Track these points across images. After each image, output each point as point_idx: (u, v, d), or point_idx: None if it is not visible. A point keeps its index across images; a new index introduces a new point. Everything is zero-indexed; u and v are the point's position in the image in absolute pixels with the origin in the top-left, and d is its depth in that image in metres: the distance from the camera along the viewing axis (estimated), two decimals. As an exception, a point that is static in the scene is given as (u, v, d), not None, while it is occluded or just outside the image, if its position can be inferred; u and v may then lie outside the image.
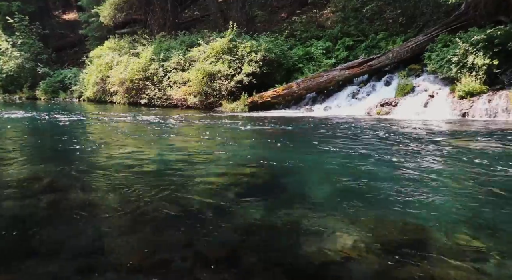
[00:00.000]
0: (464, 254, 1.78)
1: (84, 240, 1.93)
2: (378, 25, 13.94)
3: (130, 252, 1.76)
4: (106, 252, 1.77)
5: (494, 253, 1.78)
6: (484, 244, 1.88)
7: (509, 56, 8.71)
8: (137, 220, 2.17)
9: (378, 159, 3.91)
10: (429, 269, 1.62)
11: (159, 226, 2.10)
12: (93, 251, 1.79)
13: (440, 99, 9.48)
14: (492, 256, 1.75)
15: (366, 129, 6.71)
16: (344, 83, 12.18)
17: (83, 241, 1.91)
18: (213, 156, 4.22)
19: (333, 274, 1.57)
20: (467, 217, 2.25)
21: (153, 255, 1.74)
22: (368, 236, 1.93)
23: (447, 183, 2.97)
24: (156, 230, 2.04)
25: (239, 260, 1.70)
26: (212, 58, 13.05)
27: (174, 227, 2.09)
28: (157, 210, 2.33)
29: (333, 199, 2.61)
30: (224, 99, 12.66)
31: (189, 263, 1.65)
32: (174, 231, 2.03)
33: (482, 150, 4.49)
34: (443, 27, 10.92)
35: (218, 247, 1.82)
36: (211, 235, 1.95)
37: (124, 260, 1.68)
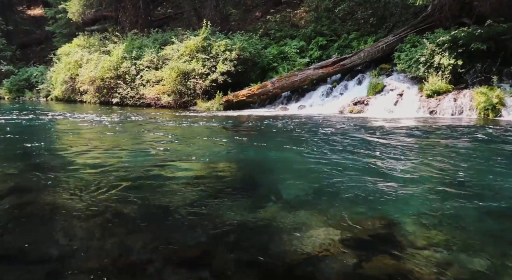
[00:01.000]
0: (431, 246, 1.85)
1: (51, 243, 1.86)
2: (350, 25, 14.24)
3: (99, 255, 1.71)
4: (74, 255, 1.71)
5: (459, 245, 1.86)
6: (450, 236, 1.96)
7: (472, 57, 9.14)
8: (107, 222, 2.11)
9: (350, 156, 4.00)
10: (399, 262, 1.67)
11: (130, 228, 2.05)
12: (61, 255, 1.72)
13: (409, 97, 9.83)
14: (457, 248, 1.83)
15: (339, 127, 6.85)
16: (318, 82, 12.38)
17: (51, 245, 1.84)
18: (187, 156, 4.17)
19: (306, 271, 1.58)
20: (434, 211, 2.33)
21: (122, 258, 1.69)
22: (340, 232, 1.97)
23: (415, 178, 3.08)
24: (127, 232, 1.99)
25: (212, 260, 1.69)
26: (186, 57, 12.89)
27: (145, 228, 2.05)
28: (127, 211, 2.27)
29: (306, 197, 2.64)
30: (199, 98, 12.55)
31: (159, 265, 1.62)
32: (145, 232, 1.99)
33: (447, 146, 4.68)
34: (411, 28, 11.32)
35: (190, 247, 1.80)
36: (183, 236, 1.93)
37: (93, 263, 1.63)
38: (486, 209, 2.39)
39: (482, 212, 2.32)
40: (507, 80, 8.84)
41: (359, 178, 3.08)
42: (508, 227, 2.11)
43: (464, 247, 1.84)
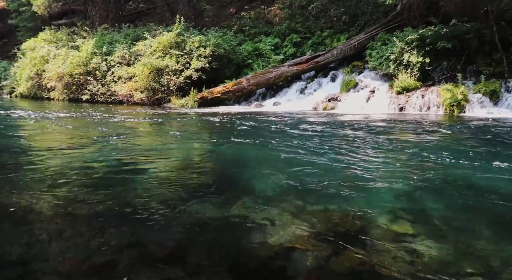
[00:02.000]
0: (399, 238, 1.92)
1: (16, 246, 1.78)
2: (323, 22, 14.44)
3: (67, 257, 1.66)
4: (37, 259, 1.65)
5: (425, 237, 1.94)
6: (417, 228, 2.04)
7: (439, 55, 9.51)
8: (76, 222, 2.05)
9: (324, 152, 4.07)
10: (368, 255, 1.73)
11: (101, 227, 2.00)
12: (22, 259, 1.66)
13: (380, 94, 10.11)
14: (424, 239, 1.90)
15: (313, 123, 6.95)
16: (292, 79, 12.49)
17: (15, 248, 1.77)
18: (160, 153, 4.11)
19: (278, 266, 1.61)
20: (403, 205, 2.42)
21: (92, 258, 1.65)
22: (313, 226, 2.01)
23: (385, 173, 3.18)
24: (97, 232, 1.94)
25: (185, 258, 1.68)
26: (159, 53, 12.65)
27: (116, 227, 2.00)
28: (98, 210, 2.22)
29: (280, 192, 2.67)
30: (173, 95, 12.36)
31: (131, 264, 1.60)
32: (117, 231, 1.95)
33: (415, 142, 4.86)
34: (382, 26, 11.62)
35: (163, 245, 1.78)
36: (156, 234, 1.91)
37: (61, 265, 1.58)
38: (451, 201, 2.50)
39: (448, 204, 2.43)
40: (471, 78, 9.26)
41: (331, 173, 3.14)
42: (471, 218, 2.22)
43: (430, 238, 1.92)
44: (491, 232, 1.98)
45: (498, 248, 1.79)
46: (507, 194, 2.59)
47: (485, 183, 2.84)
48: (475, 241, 1.87)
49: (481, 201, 2.48)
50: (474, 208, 2.36)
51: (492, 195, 2.57)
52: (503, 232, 1.99)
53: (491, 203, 2.45)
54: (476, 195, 2.59)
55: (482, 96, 8.54)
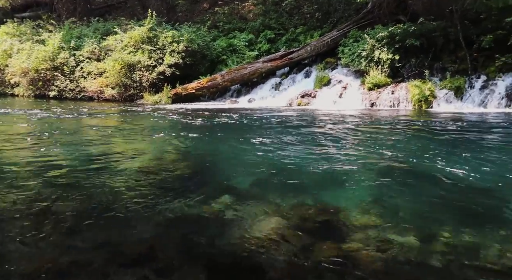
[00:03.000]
0: (370, 228, 1.98)
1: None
2: (297, 19, 14.56)
3: (34, 258, 1.60)
4: (7, 259, 1.58)
5: (394, 226, 2.01)
6: (386, 218, 2.12)
7: (407, 52, 9.84)
8: (44, 223, 1.97)
9: (298, 147, 4.13)
10: (341, 245, 1.78)
11: (71, 226, 1.94)
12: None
13: (353, 90, 10.34)
14: (393, 229, 1.98)
15: (288, 120, 7.02)
16: (267, 75, 12.53)
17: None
18: (133, 150, 4.02)
19: (253, 261, 1.62)
20: (373, 196, 2.50)
21: (63, 258, 1.60)
22: (287, 220, 2.04)
23: (358, 166, 3.27)
24: (66, 232, 1.88)
25: (159, 256, 1.65)
26: (131, 48, 12.34)
27: (88, 226, 1.95)
28: (69, 210, 2.15)
29: (255, 188, 2.69)
30: (146, 91, 12.10)
31: (102, 263, 1.56)
32: (86, 231, 1.90)
33: (385, 136, 5.02)
34: (353, 23, 11.86)
35: (136, 244, 1.75)
36: (129, 232, 1.87)
37: (28, 266, 1.52)
38: (418, 192, 2.61)
39: (415, 195, 2.54)
40: (437, 74, 9.65)
41: (305, 168, 3.19)
42: (436, 208, 2.32)
43: (398, 227, 1.99)
44: (454, 220, 2.08)
45: (460, 235, 1.89)
46: (469, 184, 2.73)
47: (449, 175, 2.98)
48: (439, 229, 1.96)
49: (446, 192, 2.60)
50: (439, 198, 2.47)
51: (456, 186, 2.70)
52: (465, 220, 2.10)
53: (454, 193, 2.57)
54: (441, 186, 2.71)
55: (448, 92, 8.93)
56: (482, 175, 2.94)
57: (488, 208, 2.28)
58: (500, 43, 8.83)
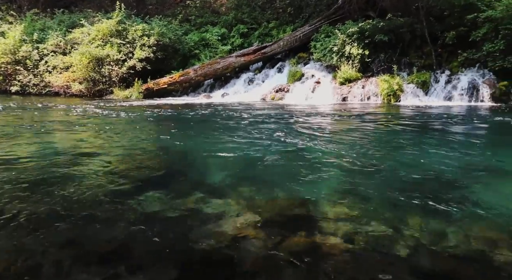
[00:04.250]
0: (341, 220, 2.03)
1: None
2: (269, 13, 14.57)
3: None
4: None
5: (364, 216, 2.07)
6: (357, 209, 2.18)
7: (377, 47, 10.11)
8: (8, 222, 1.88)
9: (272, 142, 4.16)
10: (314, 237, 1.81)
11: (36, 226, 1.86)
12: None
13: (325, 85, 10.53)
14: (363, 219, 2.04)
15: (261, 114, 7.04)
16: (240, 69, 12.51)
17: None
18: (102, 147, 3.90)
19: (225, 256, 1.62)
20: (344, 187, 2.57)
21: (27, 260, 1.54)
22: (259, 215, 2.05)
23: (329, 159, 3.34)
24: (29, 232, 1.80)
25: (129, 254, 1.62)
26: (99, 41, 11.92)
27: (54, 226, 1.88)
28: (33, 209, 2.06)
29: (228, 183, 2.69)
30: (116, 86, 11.76)
31: (66, 265, 1.51)
32: (54, 231, 1.83)
33: (356, 129, 5.16)
34: (325, 18, 12.03)
35: (105, 243, 1.70)
36: (97, 232, 1.82)
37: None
38: (387, 181, 2.70)
39: (384, 185, 2.62)
40: (405, 69, 9.99)
41: (278, 162, 3.22)
42: (405, 198, 2.41)
43: (368, 217, 2.06)
44: (421, 209, 2.17)
45: (427, 223, 1.97)
46: (434, 173, 2.86)
47: (416, 164, 3.11)
48: (407, 218, 2.04)
49: (413, 181, 2.71)
50: (407, 187, 2.57)
51: (422, 175, 2.82)
52: (431, 208, 2.20)
53: (421, 182, 2.69)
54: (408, 175, 2.83)
55: (415, 86, 9.26)
56: (446, 164, 3.08)
57: (452, 195, 2.39)
58: (462, 39, 9.26)
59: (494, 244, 1.73)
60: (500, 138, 4.67)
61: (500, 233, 1.83)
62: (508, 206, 2.18)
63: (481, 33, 8.73)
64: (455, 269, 1.54)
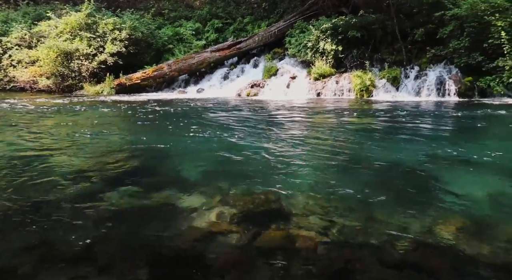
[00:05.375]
0: (314, 214, 2.07)
1: None
2: (244, 9, 14.50)
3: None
4: None
5: (339, 211, 2.12)
6: (330, 203, 2.22)
7: (350, 43, 10.29)
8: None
9: (247, 137, 4.16)
10: (287, 231, 1.83)
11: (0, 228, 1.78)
12: None
13: (300, 80, 10.61)
14: (335, 213, 2.08)
15: (236, 110, 7.02)
16: (215, 65, 12.39)
17: None
18: (71, 145, 3.76)
19: (197, 251, 1.61)
20: (318, 182, 2.61)
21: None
22: (234, 210, 2.05)
23: (303, 154, 3.39)
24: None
25: (98, 254, 1.58)
26: (67, 35, 11.46)
27: (19, 227, 1.80)
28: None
29: (202, 179, 2.67)
30: (86, 81, 11.37)
31: (33, 267, 1.46)
32: (19, 232, 1.75)
33: (329, 124, 5.25)
34: (299, 14, 12.11)
35: (73, 243, 1.65)
36: (66, 231, 1.76)
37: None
38: (359, 176, 2.77)
39: (356, 179, 2.69)
40: (377, 65, 10.23)
41: (253, 157, 3.23)
42: (376, 190, 2.48)
43: (342, 210, 2.10)
44: (390, 201, 2.25)
45: (395, 215, 2.04)
46: (403, 165, 2.96)
47: (387, 157, 3.21)
48: (377, 210, 2.10)
49: (383, 174, 2.79)
50: (377, 180, 2.65)
51: (392, 168, 2.92)
52: (400, 200, 2.28)
53: (390, 174, 2.78)
54: (378, 168, 2.91)
55: (386, 82, 9.51)
56: (415, 157, 3.20)
57: (420, 187, 2.49)
58: (430, 36, 9.58)
59: (458, 233, 1.81)
60: (464, 132, 4.89)
61: (465, 222, 1.92)
62: (472, 197, 2.29)
63: (447, 30, 9.06)
64: (422, 258, 1.60)
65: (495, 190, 2.41)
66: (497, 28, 8.20)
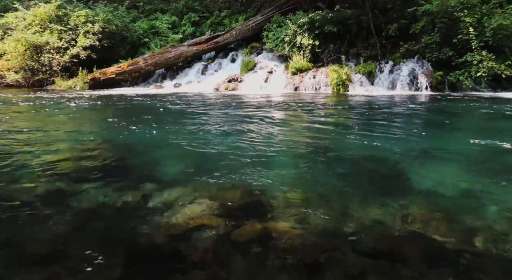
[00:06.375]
0: (292, 206, 2.10)
1: None
2: (221, 2, 14.36)
3: None
4: None
5: (315, 204, 2.15)
6: (307, 196, 2.26)
7: (326, 38, 10.40)
8: None
9: (225, 132, 4.15)
10: (265, 224, 1.85)
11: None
12: None
13: (278, 75, 10.66)
14: (314, 206, 2.12)
15: (214, 104, 6.98)
16: (193, 59, 12.24)
17: None
18: (42, 141, 3.63)
19: (175, 246, 1.60)
20: (296, 175, 2.64)
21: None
22: (212, 205, 2.05)
23: (281, 148, 3.42)
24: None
25: (70, 252, 1.54)
26: (36, 27, 11.00)
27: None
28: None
29: (180, 174, 2.65)
30: (58, 75, 10.98)
31: (2, 267, 1.41)
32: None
33: (307, 118, 5.31)
34: (277, 8, 12.11)
35: (44, 242, 1.60)
36: (36, 230, 1.70)
37: None
38: (336, 168, 2.82)
39: (333, 171, 2.74)
40: (353, 60, 10.41)
41: (232, 152, 3.23)
42: (351, 182, 2.54)
43: (317, 203, 2.14)
44: (368, 194, 2.30)
45: (371, 206, 2.10)
46: (378, 157, 3.04)
47: (362, 150, 3.28)
48: (354, 202, 2.16)
49: (359, 166, 2.86)
50: (353, 172, 2.72)
51: (368, 160, 2.99)
52: (375, 192, 2.34)
53: (367, 167, 2.85)
54: (355, 161, 2.98)
55: (362, 76, 9.70)
56: (388, 149, 3.29)
57: (393, 179, 2.57)
58: (404, 31, 9.82)
59: (429, 222, 1.88)
60: (434, 125, 5.07)
61: (435, 212, 1.99)
62: (442, 187, 2.39)
63: (419, 26, 9.32)
64: (394, 248, 1.66)
65: (462, 180, 2.52)
66: (465, 24, 8.50)
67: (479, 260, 1.53)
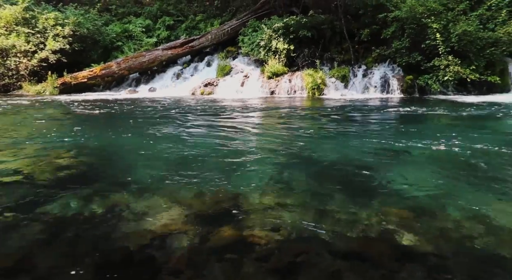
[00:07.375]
0: (268, 210, 2.10)
1: None
2: (196, 6, 14.30)
3: None
4: None
5: (291, 207, 2.16)
6: (283, 199, 2.27)
7: (301, 42, 10.56)
8: None
9: (200, 136, 4.12)
10: (241, 229, 1.84)
11: None
12: None
13: (254, 79, 10.71)
14: (290, 209, 2.13)
15: (190, 109, 6.91)
16: (168, 63, 12.10)
17: None
18: (11, 147, 3.48)
19: (147, 254, 1.57)
20: (271, 179, 2.65)
21: None
22: (187, 211, 2.03)
23: (256, 152, 3.42)
24: None
25: (36, 263, 1.47)
26: (2, 30, 10.55)
27: None
28: None
29: (154, 180, 2.60)
30: (25, 80, 10.55)
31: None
32: None
33: (283, 122, 5.35)
34: (252, 13, 12.19)
35: (7, 254, 1.53)
36: (1, 241, 1.62)
37: None
38: (311, 172, 2.86)
39: (308, 175, 2.77)
40: (327, 64, 10.61)
41: (206, 157, 3.21)
42: (326, 185, 2.57)
43: (294, 206, 2.16)
44: (342, 196, 2.34)
45: (346, 209, 2.14)
46: (352, 160, 3.10)
47: (336, 153, 3.34)
48: (329, 205, 2.18)
49: (334, 169, 2.91)
50: (328, 175, 2.76)
51: (342, 163, 3.04)
52: (351, 196, 2.38)
53: (341, 170, 2.90)
54: (330, 164, 3.03)
55: (336, 80, 9.90)
56: (362, 151, 3.37)
57: (367, 181, 2.62)
58: (375, 37, 10.12)
59: (401, 223, 1.93)
60: (405, 127, 5.24)
61: (407, 212, 2.05)
62: (414, 188, 2.46)
63: (390, 31, 9.64)
64: (367, 247, 1.70)
65: (430, 181, 2.61)
66: (432, 30, 8.87)
67: (447, 259, 1.59)
